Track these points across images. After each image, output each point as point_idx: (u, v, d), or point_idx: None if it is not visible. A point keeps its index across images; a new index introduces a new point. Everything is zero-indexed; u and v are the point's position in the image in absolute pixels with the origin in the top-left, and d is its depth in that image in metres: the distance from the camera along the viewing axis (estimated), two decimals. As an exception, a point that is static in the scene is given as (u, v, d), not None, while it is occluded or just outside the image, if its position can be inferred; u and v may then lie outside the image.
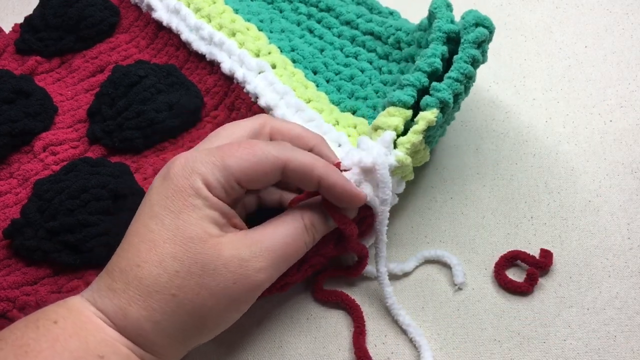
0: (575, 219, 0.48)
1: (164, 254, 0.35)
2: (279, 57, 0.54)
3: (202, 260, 0.35)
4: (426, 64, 0.43)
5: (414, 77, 0.43)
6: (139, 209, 0.38)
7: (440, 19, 0.45)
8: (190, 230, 0.35)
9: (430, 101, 0.42)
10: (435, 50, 0.44)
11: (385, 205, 0.41)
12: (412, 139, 0.42)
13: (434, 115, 0.42)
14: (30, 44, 0.59)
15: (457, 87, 0.43)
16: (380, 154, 0.40)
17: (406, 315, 0.43)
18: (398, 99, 0.43)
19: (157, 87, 0.52)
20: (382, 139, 0.42)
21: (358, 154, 0.40)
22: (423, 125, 0.42)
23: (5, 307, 0.42)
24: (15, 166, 0.51)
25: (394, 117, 0.42)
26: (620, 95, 0.55)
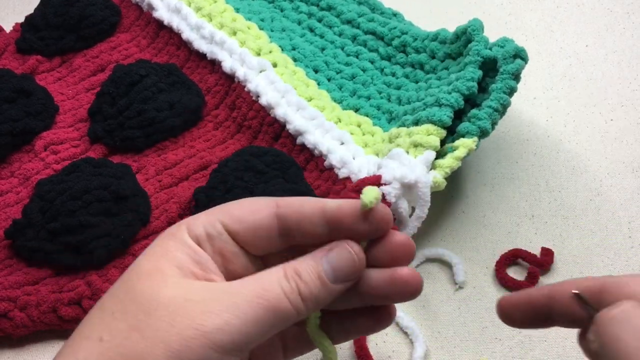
0: (576, 218, 0.48)
1: (107, 296, 0.30)
2: (279, 56, 0.54)
3: (140, 297, 0.28)
4: (465, 87, 0.44)
5: (453, 99, 0.44)
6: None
7: (478, 42, 0.46)
8: (141, 267, 0.29)
9: (471, 129, 0.43)
10: (474, 75, 0.45)
11: (419, 222, 0.42)
12: (453, 164, 0.43)
13: (474, 144, 0.43)
14: (31, 43, 0.59)
15: (496, 117, 0.44)
16: (423, 173, 0.41)
17: (405, 317, 0.43)
18: (439, 119, 0.43)
19: (158, 86, 0.52)
20: (424, 158, 0.42)
21: (400, 170, 0.41)
22: (464, 153, 0.43)
23: (7, 307, 0.42)
24: (16, 165, 0.51)
25: (433, 136, 0.43)
26: (621, 94, 0.55)
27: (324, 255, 0.30)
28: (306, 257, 0.30)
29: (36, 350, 0.43)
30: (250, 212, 0.31)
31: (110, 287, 0.31)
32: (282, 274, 0.29)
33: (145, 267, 0.29)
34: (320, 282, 0.30)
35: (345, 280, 0.30)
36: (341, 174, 0.47)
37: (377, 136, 0.49)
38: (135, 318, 0.28)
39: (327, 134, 0.49)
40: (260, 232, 0.31)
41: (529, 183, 0.50)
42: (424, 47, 0.51)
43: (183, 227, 0.31)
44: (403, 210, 0.42)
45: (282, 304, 0.28)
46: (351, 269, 0.30)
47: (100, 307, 0.29)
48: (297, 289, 0.29)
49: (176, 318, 0.27)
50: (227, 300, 0.28)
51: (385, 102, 0.51)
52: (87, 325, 0.29)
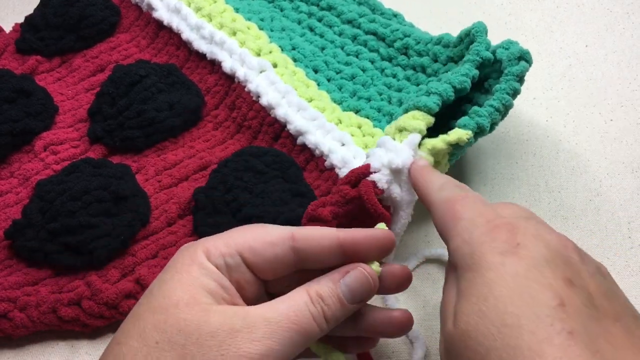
0: (576, 218, 0.48)
1: (145, 324, 0.31)
2: (280, 56, 0.54)
3: (186, 328, 0.30)
4: (457, 81, 0.44)
5: (442, 88, 0.44)
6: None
7: (480, 44, 0.46)
8: (176, 296, 0.31)
9: (469, 123, 0.43)
10: (469, 72, 0.45)
11: (410, 208, 0.42)
12: (437, 144, 0.42)
13: (467, 136, 0.42)
14: (30, 43, 0.59)
15: (496, 117, 0.44)
16: (409, 156, 0.41)
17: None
18: (424, 104, 0.43)
19: (158, 87, 0.52)
20: (408, 141, 0.42)
21: (387, 155, 0.41)
22: (453, 139, 0.42)
23: (7, 308, 0.42)
24: (16, 165, 0.51)
25: (418, 121, 0.43)
26: (620, 95, 0.55)
27: (341, 277, 0.33)
28: (324, 280, 0.34)
29: (36, 350, 0.43)
30: (267, 244, 0.34)
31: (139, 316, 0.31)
32: (308, 299, 0.32)
33: (182, 296, 0.31)
34: (340, 303, 0.33)
35: (361, 301, 0.34)
36: (342, 174, 0.47)
37: (377, 138, 0.49)
38: (185, 348, 0.30)
39: (328, 135, 0.49)
40: (276, 264, 0.34)
41: (528, 183, 0.50)
42: (426, 51, 0.51)
43: (201, 253, 0.33)
44: (397, 195, 0.41)
45: (311, 326, 0.32)
46: (367, 290, 0.34)
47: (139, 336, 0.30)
48: (322, 311, 0.33)
49: (224, 347, 0.30)
50: (267, 328, 0.31)
51: (386, 105, 0.51)
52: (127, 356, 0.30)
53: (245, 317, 0.31)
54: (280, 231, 0.34)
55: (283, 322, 0.31)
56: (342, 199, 0.41)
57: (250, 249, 0.33)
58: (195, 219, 0.46)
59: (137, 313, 0.32)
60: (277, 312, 0.31)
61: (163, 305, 0.31)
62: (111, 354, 0.31)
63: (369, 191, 0.40)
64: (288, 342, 0.31)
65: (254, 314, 0.31)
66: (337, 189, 0.42)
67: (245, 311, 0.31)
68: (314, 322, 0.32)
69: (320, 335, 0.33)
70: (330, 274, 0.34)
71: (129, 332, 0.31)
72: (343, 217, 0.42)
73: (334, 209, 0.41)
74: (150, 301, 0.32)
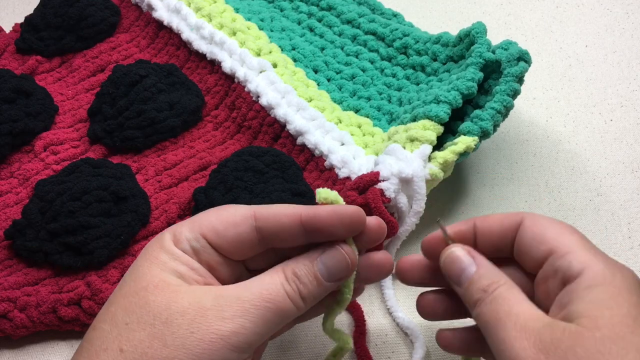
0: (576, 218, 0.48)
1: (116, 309, 0.32)
2: (279, 56, 0.54)
3: (155, 308, 0.31)
4: (464, 87, 0.45)
5: (451, 96, 0.44)
6: None
7: (481, 45, 0.46)
8: (145, 280, 0.32)
9: (473, 129, 0.44)
10: (474, 75, 0.45)
11: (417, 217, 0.42)
12: (448, 156, 0.43)
13: (474, 143, 0.43)
14: (30, 43, 0.59)
15: (498, 119, 0.44)
16: (420, 167, 0.41)
17: (405, 317, 0.43)
18: (436, 114, 0.44)
19: (158, 87, 0.52)
20: (420, 152, 0.42)
21: (397, 165, 0.41)
22: (461, 148, 0.43)
23: (7, 308, 0.42)
24: (16, 166, 0.51)
25: (429, 131, 0.43)
26: (620, 95, 0.55)
27: (318, 256, 0.33)
28: (301, 258, 0.33)
29: (36, 350, 0.43)
30: (229, 225, 0.33)
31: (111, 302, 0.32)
32: (283, 278, 0.32)
33: (151, 279, 0.32)
34: (317, 282, 0.33)
35: (338, 279, 0.34)
36: (342, 174, 0.47)
37: (377, 137, 0.49)
38: (154, 327, 0.30)
39: (327, 135, 0.49)
40: (241, 244, 0.34)
41: (528, 183, 0.50)
42: (425, 50, 0.51)
43: (169, 240, 0.33)
44: (402, 205, 0.42)
45: (286, 305, 0.32)
46: (344, 268, 0.34)
47: (111, 319, 0.31)
48: (297, 290, 0.32)
49: (194, 325, 0.30)
50: (238, 306, 0.31)
51: (386, 104, 0.51)
52: (98, 338, 0.31)
53: (216, 296, 0.31)
54: (243, 211, 0.34)
55: (256, 301, 0.31)
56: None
57: (214, 230, 0.33)
58: (195, 219, 0.46)
59: (110, 300, 0.33)
60: (249, 290, 0.31)
61: (133, 288, 0.32)
62: (85, 338, 0.32)
63: (377, 199, 0.41)
64: (261, 320, 0.31)
65: (226, 293, 0.31)
66: (344, 195, 0.42)
67: (216, 290, 0.31)
68: (289, 301, 0.32)
69: (299, 314, 0.33)
70: (308, 252, 0.34)
71: (102, 316, 0.32)
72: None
73: None
74: (121, 287, 0.33)
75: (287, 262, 0.33)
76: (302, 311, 0.33)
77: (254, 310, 0.31)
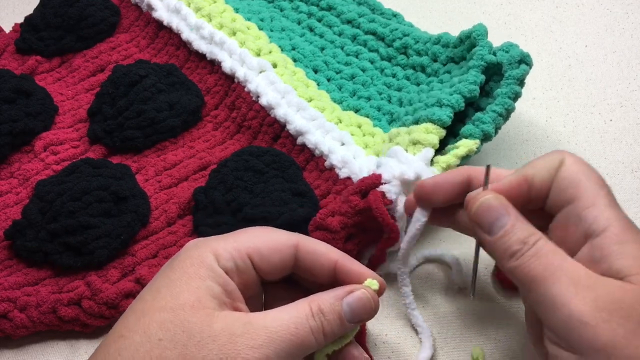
0: (576, 219, 0.48)
1: (151, 321, 0.32)
2: (279, 56, 0.54)
3: (189, 329, 0.31)
4: (467, 90, 0.45)
5: (454, 100, 0.44)
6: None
7: (482, 47, 0.46)
8: (183, 298, 0.32)
9: (475, 132, 0.44)
10: (477, 78, 0.45)
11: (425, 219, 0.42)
12: (450, 161, 0.43)
13: (475, 146, 0.43)
14: (30, 43, 0.59)
15: (500, 122, 0.44)
16: (423, 169, 0.42)
17: (419, 316, 0.43)
18: (438, 118, 0.44)
19: (158, 87, 0.52)
20: (422, 155, 0.43)
21: (399, 167, 0.41)
22: (463, 152, 0.43)
23: (7, 308, 0.42)
24: (16, 166, 0.51)
25: (432, 135, 0.43)
26: (620, 95, 0.55)
27: (344, 296, 0.34)
28: (328, 295, 0.34)
29: (36, 350, 0.43)
30: (274, 250, 0.35)
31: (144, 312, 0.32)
32: (310, 312, 0.33)
33: (189, 298, 0.32)
34: (340, 321, 0.34)
35: (360, 321, 0.35)
36: (342, 174, 0.47)
37: (378, 137, 0.49)
38: (186, 349, 0.31)
39: (327, 135, 0.49)
40: (280, 268, 0.35)
41: (528, 183, 0.50)
42: (425, 50, 0.52)
43: (211, 255, 0.34)
44: (402, 207, 0.42)
45: (309, 340, 0.33)
46: (367, 312, 0.35)
47: (143, 332, 0.31)
48: (321, 326, 0.33)
49: (224, 351, 0.31)
50: (265, 336, 0.31)
51: (386, 104, 0.51)
52: (129, 349, 0.31)
53: (246, 324, 0.32)
54: (286, 238, 0.35)
55: (282, 333, 0.32)
56: (351, 210, 0.42)
57: (259, 253, 0.34)
58: (195, 219, 0.46)
59: (142, 309, 0.32)
60: (278, 322, 0.32)
61: (170, 305, 0.32)
62: (113, 346, 0.32)
63: (379, 202, 0.41)
64: (284, 352, 0.32)
65: (255, 322, 0.32)
66: (346, 199, 0.42)
67: (247, 318, 0.32)
68: (312, 336, 0.33)
69: (317, 349, 0.34)
70: (334, 290, 0.35)
71: (133, 326, 0.32)
72: (351, 228, 0.42)
73: (342, 219, 0.42)
74: (156, 299, 0.33)
75: (314, 298, 0.34)
76: (321, 346, 0.34)
77: (280, 342, 0.32)
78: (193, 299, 0.32)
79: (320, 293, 0.35)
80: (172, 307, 0.32)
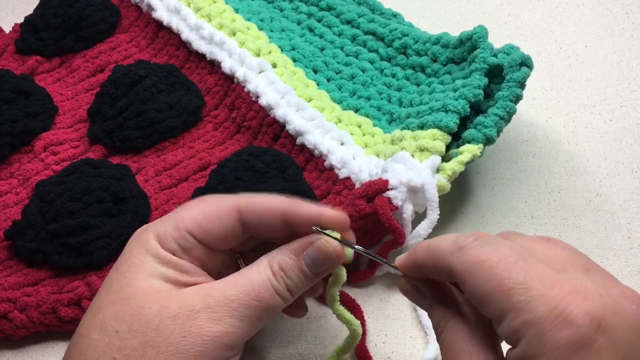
0: (576, 219, 0.48)
1: (105, 315, 0.31)
2: (279, 56, 0.54)
3: (146, 315, 0.30)
4: (471, 94, 0.45)
5: (460, 105, 0.45)
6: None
7: (484, 50, 0.46)
8: (134, 286, 0.31)
9: (477, 136, 0.44)
10: (480, 82, 0.45)
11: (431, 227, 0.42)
12: (456, 167, 0.43)
13: (479, 150, 0.43)
14: (30, 43, 0.59)
15: (502, 125, 0.44)
16: (430, 177, 0.42)
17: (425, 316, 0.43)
18: (446, 124, 0.44)
19: (158, 87, 0.52)
20: (430, 163, 0.43)
21: (406, 174, 0.42)
22: (468, 158, 0.43)
23: (7, 308, 0.42)
24: (16, 166, 0.51)
25: (439, 142, 0.44)
26: (620, 95, 0.55)
27: (304, 249, 0.33)
28: (287, 250, 0.33)
29: (36, 351, 0.43)
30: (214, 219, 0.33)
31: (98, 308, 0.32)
32: (270, 273, 0.32)
33: (140, 285, 0.31)
34: (304, 275, 0.33)
35: (324, 271, 0.34)
36: (341, 174, 0.47)
37: (378, 137, 0.49)
38: (146, 335, 0.30)
39: (327, 135, 0.49)
40: (226, 237, 0.34)
41: (528, 184, 0.50)
42: (425, 50, 0.52)
43: (154, 241, 0.33)
44: (407, 213, 0.42)
45: (274, 300, 0.32)
46: (330, 261, 0.34)
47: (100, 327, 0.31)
48: (284, 284, 0.33)
49: (186, 329, 0.30)
50: (227, 306, 0.31)
51: (386, 103, 0.51)
52: (88, 348, 0.31)
53: (205, 297, 0.31)
54: (226, 204, 0.34)
55: (243, 299, 0.31)
56: (357, 214, 0.42)
57: (200, 227, 0.33)
58: (195, 219, 0.46)
59: (96, 306, 0.32)
60: (237, 288, 0.31)
61: (122, 295, 0.31)
62: (74, 347, 0.31)
63: (385, 206, 0.41)
64: (250, 318, 0.31)
65: (214, 293, 0.31)
66: (352, 202, 0.42)
67: (205, 290, 0.31)
68: (277, 296, 0.32)
69: (285, 307, 0.33)
70: (293, 244, 0.34)
71: (90, 324, 0.31)
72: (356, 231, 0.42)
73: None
74: (109, 293, 0.32)
75: (273, 255, 0.33)
76: (289, 303, 0.33)
77: (242, 309, 0.31)
78: (145, 286, 0.31)
79: (279, 249, 0.34)
80: (124, 298, 0.31)
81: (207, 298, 0.31)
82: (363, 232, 0.43)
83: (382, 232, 0.45)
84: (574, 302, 0.25)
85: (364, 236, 0.44)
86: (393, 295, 0.45)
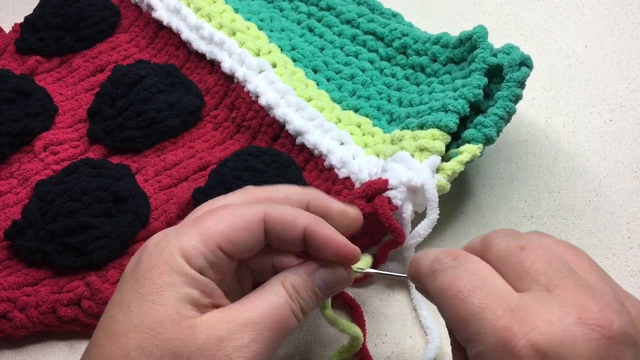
0: (575, 219, 0.48)
1: (129, 346, 0.29)
2: (279, 56, 0.54)
3: (174, 347, 0.29)
4: (471, 94, 0.45)
5: (460, 105, 0.45)
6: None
7: (484, 50, 0.46)
8: (159, 314, 0.29)
9: (477, 136, 0.44)
10: (480, 82, 0.45)
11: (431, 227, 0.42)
12: (455, 167, 0.43)
13: (479, 150, 0.43)
14: (30, 43, 0.59)
15: (501, 125, 0.44)
16: (430, 177, 0.42)
17: (429, 317, 0.43)
18: (445, 124, 0.44)
19: (158, 87, 0.52)
20: (430, 163, 0.43)
21: (406, 174, 0.42)
22: (467, 157, 0.43)
23: (7, 308, 0.42)
24: (16, 166, 0.51)
25: (438, 141, 0.44)
26: (620, 95, 0.55)
27: (315, 270, 0.34)
28: (300, 271, 0.33)
29: (36, 350, 0.43)
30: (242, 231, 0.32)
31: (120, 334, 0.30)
32: (287, 295, 0.32)
33: (166, 312, 0.30)
34: (316, 296, 0.34)
35: (334, 292, 0.35)
36: (341, 174, 0.47)
37: (378, 137, 0.49)
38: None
39: (327, 134, 0.49)
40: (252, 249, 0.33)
41: (528, 184, 0.50)
42: (425, 50, 0.52)
43: (178, 257, 0.31)
44: (407, 213, 0.42)
45: (292, 322, 0.32)
46: (341, 283, 0.35)
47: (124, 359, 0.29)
48: (300, 307, 0.33)
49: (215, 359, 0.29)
50: (252, 331, 0.30)
51: (386, 103, 0.51)
52: None
53: (229, 322, 0.30)
54: (251, 213, 0.33)
55: (266, 322, 0.31)
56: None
57: (228, 239, 0.32)
58: (194, 219, 0.46)
59: (116, 331, 0.30)
60: (258, 312, 0.31)
61: (146, 323, 0.29)
62: None
63: (385, 206, 0.41)
64: (271, 341, 0.31)
65: (238, 317, 0.31)
66: (352, 202, 0.42)
67: (229, 316, 0.31)
68: (294, 319, 0.32)
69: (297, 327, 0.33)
70: (306, 265, 0.34)
71: (111, 354, 0.29)
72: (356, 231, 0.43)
73: None
74: (129, 319, 0.30)
75: (286, 275, 0.33)
76: (301, 324, 0.34)
77: (266, 333, 0.31)
78: (171, 312, 0.30)
79: (291, 269, 0.34)
80: (149, 326, 0.29)
81: (231, 323, 0.30)
82: (363, 232, 0.43)
83: (382, 232, 0.45)
84: (519, 333, 0.26)
85: (363, 236, 0.44)
86: (393, 295, 0.45)
